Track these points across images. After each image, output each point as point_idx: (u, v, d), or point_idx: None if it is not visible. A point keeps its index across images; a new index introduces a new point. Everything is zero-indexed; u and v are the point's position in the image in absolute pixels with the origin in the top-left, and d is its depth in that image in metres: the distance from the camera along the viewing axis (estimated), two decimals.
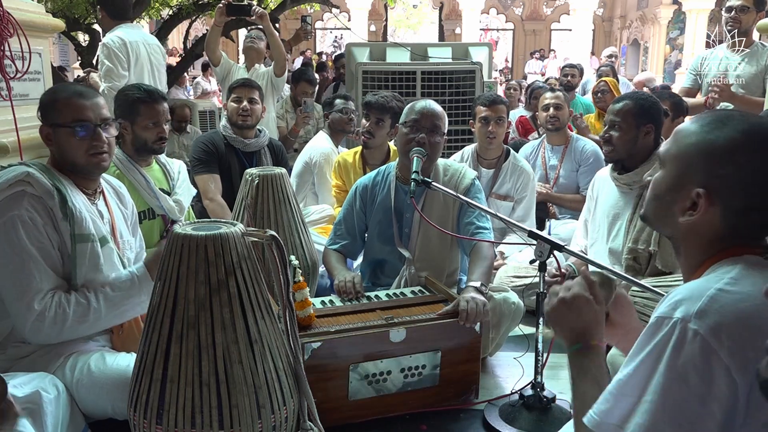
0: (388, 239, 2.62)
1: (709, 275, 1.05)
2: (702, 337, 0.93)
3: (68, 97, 1.89)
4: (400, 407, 2.12)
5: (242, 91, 3.44)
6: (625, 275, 2.14)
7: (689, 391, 0.93)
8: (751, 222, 1.05)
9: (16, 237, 1.75)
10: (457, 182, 2.59)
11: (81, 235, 1.85)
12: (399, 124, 2.61)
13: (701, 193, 1.05)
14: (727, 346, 0.93)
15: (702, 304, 0.96)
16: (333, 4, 7.48)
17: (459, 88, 4.49)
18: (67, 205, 1.82)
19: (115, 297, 1.86)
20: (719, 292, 0.97)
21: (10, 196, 1.77)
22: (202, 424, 1.44)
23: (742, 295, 0.97)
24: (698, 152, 1.07)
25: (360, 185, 2.73)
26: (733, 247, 1.06)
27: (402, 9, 20.82)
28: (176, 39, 14.67)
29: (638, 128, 2.57)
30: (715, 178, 1.04)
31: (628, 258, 2.57)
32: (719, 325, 0.94)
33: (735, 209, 1.04)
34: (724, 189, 1.04)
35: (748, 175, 1.02)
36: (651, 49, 18.96)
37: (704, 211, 1.05)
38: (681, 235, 1.12)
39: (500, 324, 2.41)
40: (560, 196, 3.84)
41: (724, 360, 0.92)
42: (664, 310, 0.99)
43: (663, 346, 0.97)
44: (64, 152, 1.90)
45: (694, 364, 0.93)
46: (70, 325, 1.78)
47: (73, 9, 5.97)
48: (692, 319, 0.95)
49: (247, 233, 1.55)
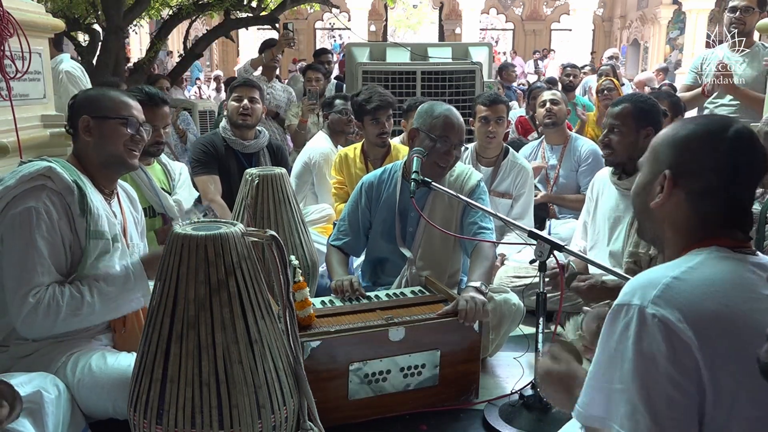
0: (392, 238, 2.62)
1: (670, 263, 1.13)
2: (659, 319, 0.99)
3: (119, 95, 2.05)
4: (400, 407, 2.12)
5: (243, 91, 3.45)
6: (626, 276, 2.14)
7: (658, 372, 0.98)
8: (715, 208, 1.14)
9: (28, 229, 1.78)
10: (463, 183, 2.59)
11: (96, 231, 1.89)
12: (420, 130, 2.50)
13: (666, 174, 1.16)
14: (685, 327, 0.98)
15: (657, 291, 1.02)
16: (333, 4, 7.48)
17: (459, 88, 4.49)
18: (86, 201, 1.86)
19: (110, 291, 1.86)
20: (674, 280, 1.04)
21: (29, 189, 1.81)
22: (202, 424, 1.44)
23: (697, 282, 1.04)
24: (664, 145, 1.20)
25: (366, 182, 2.72)
26: (705, 239, 1.14)
27: (402, 9, 20.83)
28: (176, 39, 14.66)
29: (638, 131, 2.54)
30: (675, 163, 1.17)
31: (629, 261, 2.57)
32: (674, 309, 1.00)
33: (696, 192, 1.15)
34: (684, 173, 1.15)
35: (702, 160, 1.14)
36: (651, 49, 18.97)
37: (669, 193, 1.16)
38: (659, 227, 1.22)
39: (501, 325, 2.41)
40: (562, 197, 3.84)
41: (684, 339, 0.98)
42: (623, 297, 1.06)
43: (625, 333, 1.02)
44: (105, 143, 1.98)
45: (657, 346, 0.99)
46: (63, 318, 1.78)
47: (73, 9, 5.96)
48: (649, 304, 1.01)
49: (247, 233, 1.55)
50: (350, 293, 2.33)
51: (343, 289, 2.34)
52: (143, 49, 10.98)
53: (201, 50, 6.56)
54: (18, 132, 2.44)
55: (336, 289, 2.37)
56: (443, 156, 2.47)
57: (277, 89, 5.23)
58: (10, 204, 1.80)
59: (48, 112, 2.87)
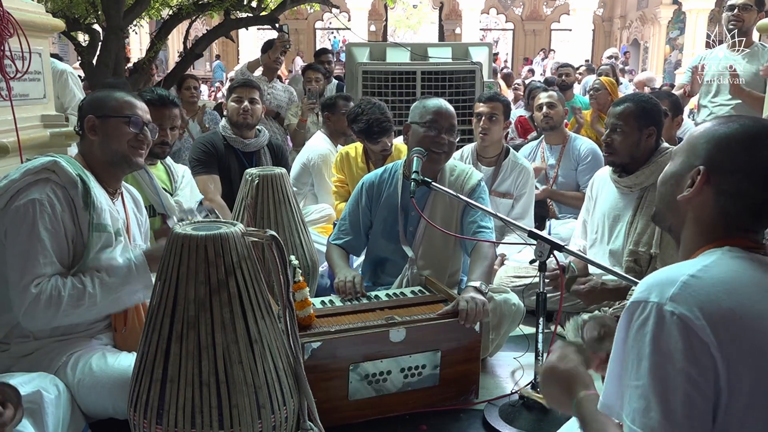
0: (393, 237, 2.62)
1: (686, 261, 1.12)
2: (678, 317, 0.98)
3: (123, 95, 2.07)
4: (400, 407, 2.12)
5: (243, 91, 3.45)
6: (626, 276, 2.14)
7: (675, 370, 0.98)
8: (740, 210, 1.13)
9: (32, 221, 1.79)
10: (463, 182, 2.59)
11: (99, 224, 1.90)
12: (411, 123, 2.56)
13: (700, 170, 1.15)
14: (704, 325, 0.97)
15: (675, 289, 1.01)
16: (333, 4, 7.47)
17: (459, 88, 4.49)
18: (90, 195, 1.88)
19: (112, 283, 1.86)
20: (691, 278, 1.03)
21: (33, 182, 1.83)
22: (202, 424, 1.44)
23: (713, 280, 1.03)
24: (702, 139, 1.18)
25: (367, 182, 2.72)
26: (723, 238, 1.14)
27: (402, 9, 20.84)
28: (176, 39, 14.66)
29: (640, 131, 2.53)
30: (711, 160, 1.15)
31: (628, 260, 2.57)
32: (693, 307, 0.99)
33: (726, 192, 1.13)
34: (717, 171, 1.14)
35: (739, 162, 1.12)
36: (651, 49, 18.99)
37: (700, 189, 1.15)
38: (680, 220, 1.21)
39: (501, 325, 2.41)
40: (562, 193, 3.85)
41: (703, 337, 0.97)
42: (639, 294, 1.05)
43: (642, 329, 1.02)
44: (109, 141, 2.00)
45: (675, 343, 0.98)
46: (65, 309, 1.78)
47: (73, 9, 5.95)
48: (667, 302, 1.00)
49: (247, 233, 1.55)
50: (352, 293, 2.33)
51: (345, 289, 2.35)
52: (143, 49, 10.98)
53: (201, 50, 6.54)
54: (18, 132, 2.44)
55: (338, 288, 2.37)
56: (435, 141, 2.48)
57: (277, 89, 5.23)
58: (14, 197, 1.81)
59: (48, 112, 2.87)
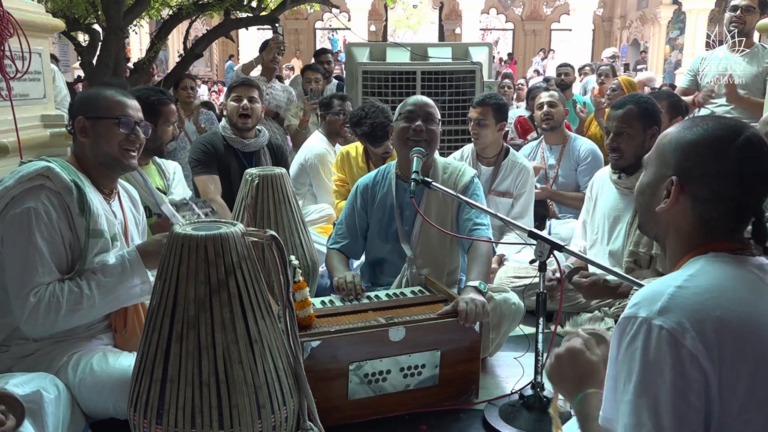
0: (389, 237, 2.62)
1: (672, 273, 1.12)
2: (667, 331, 0.99)
3: (114, 95, 2.02)
4: (400, 407, 2.12)
5: (242, 90, 3.44)
6: (626, 276, 2.14)
7: (665, 384, 0.98)
8: (722, 214, 1.13)
9: (28, 229, 1.78)
10: (456, 180, 2.59)
11: (95, 230, 1.89)
12: (393, 122, 2.62)
13: (673, 180, 1.14)
14: (691, 336, 0.98)
15: (662, 302, 1.02)
16: (333, 4, 7.46)
17: (459, 88, 4.49)
18: (85, 200, 1.86)
19: (108, 282, 1.86)
20: (677, 289, 1.04)
21: (28, 189, 1.81)
22: (202, 424, 1.44)
23: (699, 289, 1.04)
24: (671, 147, 1.17)
25: (361, 185, 2.74)
26: (706, 243, 1.14)
27: (402, 9, 20.82)
28: (176, 39, 14.65)
29: (644, 131, 2.54)
30: (683, 169, 1.14)
31: (628, 261, 2.57)
32: (680, 319, 1.00)
33: (703, 199, 1.12)
34: (690, 179, 1.13)
35: (710, 167, 1.11)
36: (651, 49, 18.98)
37: (675, 199, 1.14)
38: (663, 230, 1.20)
39: (501, 325, 2.41)
40: (562, 193, 3.85)
41: (691, 349, 0.98)
42: (629, 310, 1.06)
43: (632, 345, 1.03)
44: (100, 143, 1.97)
45: (664, 358, 0.99)
46: (64, 314, 1.78)
47: (73, 9, 5.94)
48: (655, 316, 1.01)
49: (247, 233, 1.55)
50: (352, 291, 2.33)
51: (345, 287, 2.35)
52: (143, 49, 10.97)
53: (201, 50, 6.53)
54: (18, 132, 2.44)
55: (338, 287, 2.37)
56: (413, 129, 2.50)
57: (276, 89, 5.23)
58: (10, 205, 1.80)
59: (48, 112, 2.87)
